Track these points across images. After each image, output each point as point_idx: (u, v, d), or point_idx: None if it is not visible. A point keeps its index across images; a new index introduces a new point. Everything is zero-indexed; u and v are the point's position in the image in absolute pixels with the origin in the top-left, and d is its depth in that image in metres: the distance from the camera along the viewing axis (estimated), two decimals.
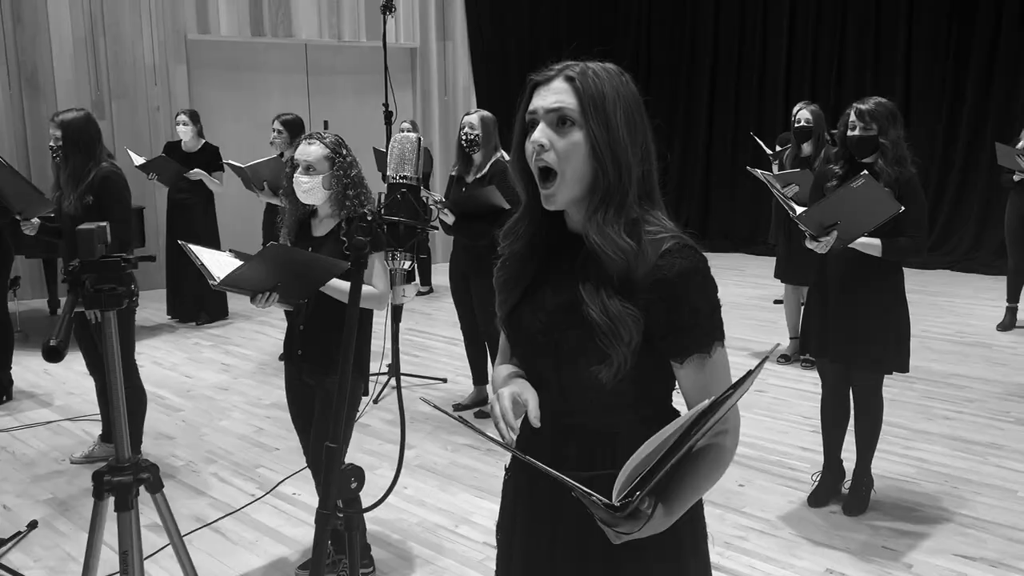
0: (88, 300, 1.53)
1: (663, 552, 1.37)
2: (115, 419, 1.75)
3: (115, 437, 1.75)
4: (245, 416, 4.83)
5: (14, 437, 4.54)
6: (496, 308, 1.47)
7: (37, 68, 7.62)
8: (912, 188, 3.29)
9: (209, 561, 3.22)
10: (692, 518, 1.42)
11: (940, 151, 9.12)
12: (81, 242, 1.56)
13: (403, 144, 1.33)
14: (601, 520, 1.16)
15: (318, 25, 9.08)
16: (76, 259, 1.55)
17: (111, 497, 1.73)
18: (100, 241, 1.57)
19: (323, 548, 1.24)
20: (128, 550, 1.64)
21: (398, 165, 1.32)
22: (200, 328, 6.90)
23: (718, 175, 10.84)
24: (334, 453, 1.28)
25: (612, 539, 1.17)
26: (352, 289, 1.30)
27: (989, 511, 3.51)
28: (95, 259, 1.54)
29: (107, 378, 1.70)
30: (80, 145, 3.70)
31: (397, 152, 1.33)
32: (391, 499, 3.71)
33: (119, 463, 1.74)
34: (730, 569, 3.10)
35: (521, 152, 1.38)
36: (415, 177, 1.33)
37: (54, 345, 1.39)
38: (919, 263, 8.83)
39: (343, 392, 1.31)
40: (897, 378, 4.74)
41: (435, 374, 5.54)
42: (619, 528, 1.15)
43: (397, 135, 1.35)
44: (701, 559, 1.45)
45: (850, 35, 9.66)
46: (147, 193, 7.78)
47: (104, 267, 1.52)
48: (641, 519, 1.15)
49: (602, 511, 1.14)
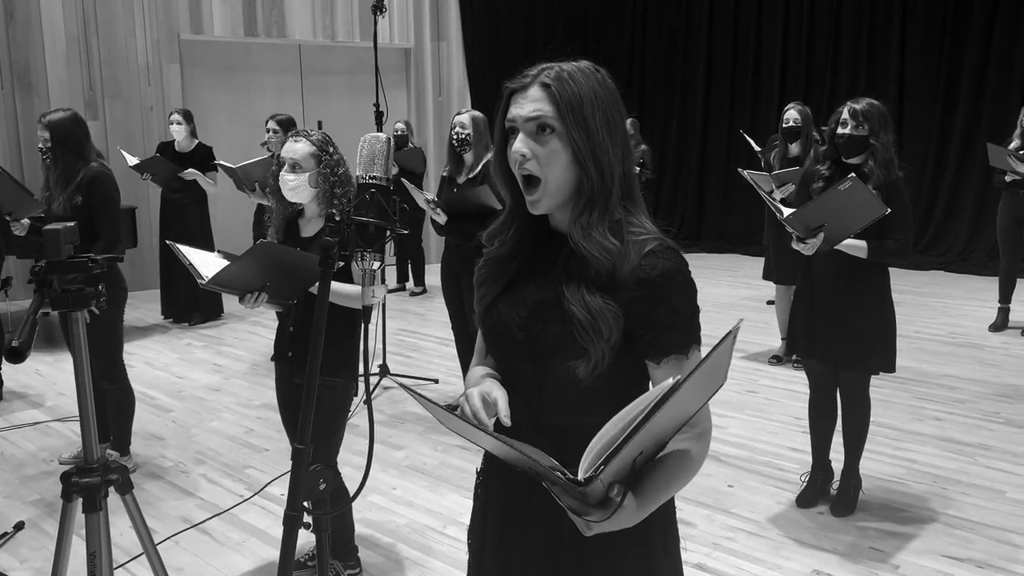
0: (55, 301, 1.52)
1: (632, 552, 1.38)
2: (83, 419, 1.75)
3: (83, 437, 1.74)
4: (236, 417, 4.82)
5: (3, 438, 4.52)
6: (474, 304, 1.47)
7: (30, 66, 7.61)
8: (898, 191, 3.30)
9: (195, 562, 3.21)
10: (664, 520, 1.43)
11: (933, 152, 9.13)
12: (48, 242, 1.55)
13: (373, 144, 1.33)
14: (570, 508, 1.16)
15: (312, 25, 9.07)
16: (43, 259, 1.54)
17: (80, 499, 1.72)
18: (68, 241, 1.56)
19: (291, 550, 1.24)
20: (96, 551, 1.63)
21: (368, 165, 1.31)
22: (193, 328, 6.89)
23: (712, 176, 10.86)
24: (301, 454, 1.28)
25: (583, 530, 1.17)
26: (320, 289, 1.29)
27: (977, 512, 3.51)
28: (62, 259, 1.54)
29: (76, 377, 1.69)
30: (68, 146, 3.69)
31: (367, 152, 1.32)
32: (379, 500, 3.71)
33: (87, 464, 1.73)
34: (717, 570, 3.10)
35: (502, 158, 1.38)
36: (384, 177, 1.32)
37: (15, 346, 1.38)
38: (911, 264, 8.84)
39: (311, 392, 1.31)
40: (888, 379, 4.76)
41: (427, 375, 5.53)
42: (589, 516, 1.15)
43: (367, 135, 1.35)
44: (672, 561, 1.45)
45: (844, 36, 9.68)
46: (141, 193, 7.78)
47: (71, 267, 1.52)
48: (610, 507, 1.15)
49: (570, 497, 1.14)
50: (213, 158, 6.60)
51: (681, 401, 1.09)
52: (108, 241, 3.77)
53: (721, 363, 1.11)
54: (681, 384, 1.05)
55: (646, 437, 1.10)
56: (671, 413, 1.10)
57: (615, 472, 1.12)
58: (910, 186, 9.02)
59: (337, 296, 2.68)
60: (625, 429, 1.07)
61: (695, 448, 1.32)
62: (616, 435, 1.09)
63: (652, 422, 1.06)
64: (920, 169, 9.16)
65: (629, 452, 1.09)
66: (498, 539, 1.47)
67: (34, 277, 1.50)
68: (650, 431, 1.09)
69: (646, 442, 1.13)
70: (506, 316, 1.41)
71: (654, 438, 1.15)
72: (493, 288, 1.44)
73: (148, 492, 3.83)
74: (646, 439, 1.11)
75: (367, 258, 1.31)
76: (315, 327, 1.29)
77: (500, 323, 1.41)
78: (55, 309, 1.54)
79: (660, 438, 1.19)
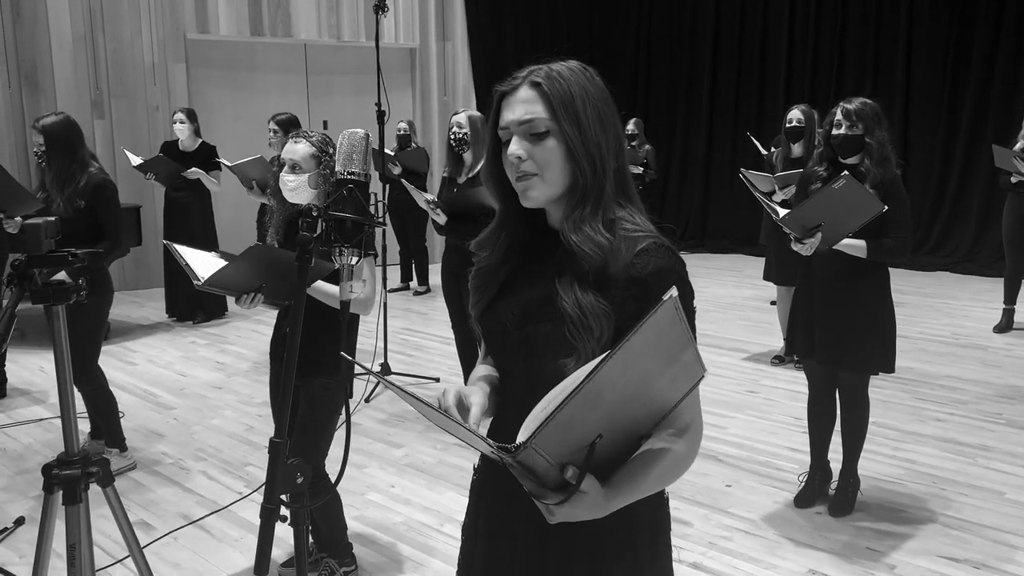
0: (35, 295, 1.54)
1: (620, 557, 1.37)
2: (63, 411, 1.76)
3: (64, 430, 1.76)
4: (236, 414, 4.84)
5: (5, 434, 4.55)
6: (469, 309, 1.47)
7: (36, 66, 7.65)
8: (896, 188, 3.29)
9: (193, 558, 3.23)
10: (653, 528, 1.41)
11: (939, 153, 9.10)
12: (28, 236, 1.57)
13: (351, 140, 1.34)
14: (530, 492, 1.16)
15: (317, 25, 9.10)
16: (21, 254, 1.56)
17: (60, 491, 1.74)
18: (48, 236, 1.58)
19: (268, 543, 1.25)
20: (76, 543, 1.65)
21: (346, 161, 1.32)
22: (197, 327, 6.92)
23: (717, 176, 10.84)
24: (278, 447, 1.28)
25: (547, 516, 1.17)
26: (298, 283, 1.30)
27: (975, 512, 3.50)
28: (42, 253, 1.55)
29: (57, 371, 1.71)
30: (61, 149, 3.74)
31: (345, 148, 1.33)
32: (377, 498, 3.72)
33: (68, 456, 1.75)
34: (712, 569, 3.10)
35: (494, 164, 1.38)
36: (363, 173, 1.33)
37: None
38: (916, 265, 8.82)
39: (287, 386, 1.31)
40: (889, 379, 4.74)
41: (428, 373, 5.54)
42: (546, 499, 1.15)
43: (346, 131, 1.36)
44: (660, 568, 1.43)
45: (850, 36, 9.65)
46: (145, 192, 7.82)
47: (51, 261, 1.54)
48: (568, 491, 1.14)
49: (528, 480, 1.14)
50: (216, 157, 6.62)
51: (628, 374, 1.07)
52: (112, 243, 3.81)
53: (667, 333, 1.08)
54: (617, 350, 1.04)
55: (591, 412, 1.08)
56: (619, 390, 1.08)
57: (560, 447, 1.10)
58: (916, 187, 9.06)
59: (323, 295, 2.70)
60: (558, 399, 1.07)
61: (677, 446, 1.30)
62: (549, 405, 1.08)
63: (590, 390, 1.04)
64: (926, 170, 9.14)
65: (570, 424, 1.07)
66: (488, 533, 1.48)
67: (14, 271, 1.51)
68: (595, 405, 1.07)
69: (597, 421, 1.11)
70: (502, 315, 1.41)
71: (610, 420, 1.13)
72: (486, 295, 1.45)
73: (147, 488, 3.85)
74: (593, 414, 1.09)
75: (345, 253, 1.32)
76: (291, 322, 1.30)
77: (496, 323, 1.42)
78: (36, 303, 1.56)
79: (624, 425, 1.17)
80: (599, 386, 1.06)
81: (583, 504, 1.16)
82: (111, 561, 3.15)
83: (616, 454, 1.23)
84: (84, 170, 3.77)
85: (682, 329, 1.11)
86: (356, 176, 1.32)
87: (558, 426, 1.07)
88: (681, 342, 1.12)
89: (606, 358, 1.05)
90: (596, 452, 1.14)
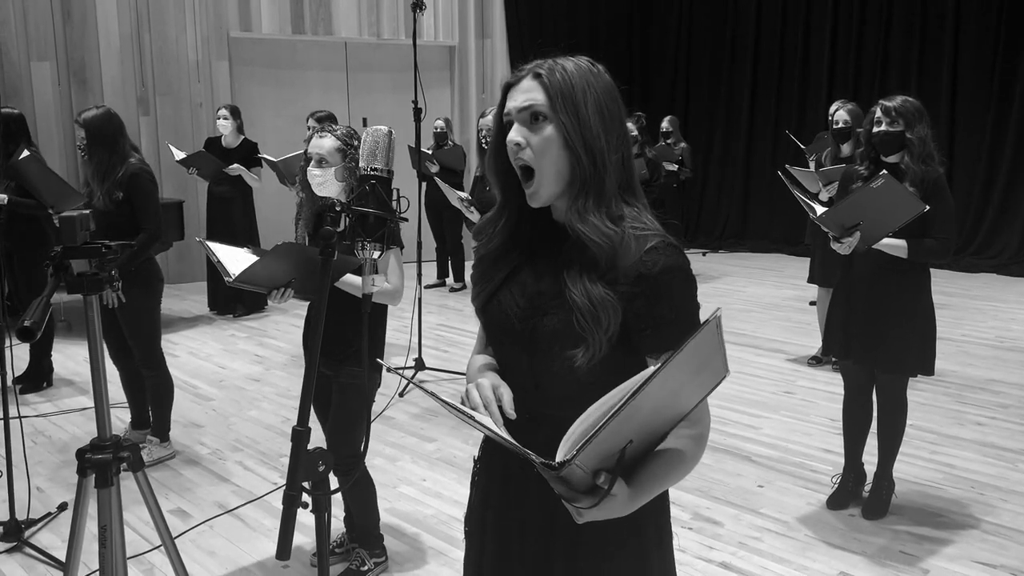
0: (70, 285, 1.59)
1: (625, 543, 1.39)
2: (96, 398, 1.82)
3: (97, 416, 1.81)
4: (274, 407, 4.92)
5: (51, 422, 4.68)
6: (471, 300, 1.50)
7: (85, 64, 7.84)
8: (939, 187, 3.22)
9: (227, 546, 3.29)
10: (657, 514, 1.43)
11: (987, 152, 8.91)
12: (64, 228, 1.63)
13: (375, 136, 1.36)
14: (561, 495, 1.18)
15: (358, 23, 9.19)
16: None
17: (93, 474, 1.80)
18: (83, 228, 1.63)
19: (290, 529, 1.28)
20: (107, 525, 1.70)
21: (369, 157, 1.35)
22: (237, 320, 7.04)
23: (757, 175, 10.73)
24: (300, 435, 1.31)
25: (575, 517, 1.18)
26: (321, 276, 1.33)
27: (1015, 519, 3.43)
28: (77, 245, 1.61)
29: (91, 359, 1.76)
30: (102, 141, 3.82)
31: (369, 144, 1.36)
32: (409, 491, 3.76)
33: (100, 441, 1.81)
34: (742, 569, 3.08)
35: (497, 151, 1.40)
36: (385, 169, 1.36)
37: (27, 326, 1.45)
38: (961, 266, 8.65)
39: (310, 379, 1.34)
40: (930, 382, 4.67)
41: (462, 369, 5.57)
42: (578, 503, 1.16)
43: (369, 128, 1.38)
44: (665, 555, 1.46)
45: (895, 33, 9.48)
46: (189, 187, 7.97)
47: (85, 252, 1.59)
48: (598, 495, 1.16)
49: (559, 483, 1.16)
50: (258, 153, 6.73)
51: (666, 389, 1.09)
52: (150, 234, 3.88)
53: (706, 351, 1.10)
54: (660, 371, 1.05)
55: (627, 424, 1.10)
56: (653, 402, 1.10)
57: (595, 457, 1.13)
58: (961, 187, 8.86)
59: (351, 288, 2.75)
60: (605, 414, 1.08)
61: (693, 442, 1.32)
62: (597, 419, 1.10)
63: (631, 407, 1.06)
64: (972, 170, 8.95)
65: (607, 438, 1.09)
66: (496, 523, 1.50)
67: (50, 261, 1.57)
68: (631, 418, 1.09)
69: (631, 430, 1.13)
70: (506, 307, 1.43)
71: (641, 427, 1.15)
72: (490, 284, 1.46)
73: (185, 477, 3.94)
74: (628, 426, 1.11)
75: (367, 247, 1.35)
76: (316, 314, 1.32)
77: (500, 313, 1.43)
78: (71, 293, 1.61)
79: (652, 429, 1.19)
80: (640, 403, 1.08)
81: (612, 505, 1.18)
82: (149, 547, 3.23)
83: (641, 454, 1.24)
84: (123, 162, 3.85)
85: (719, 342, 1.12)
86: (379, 172, 1.35)
87: (600, 444, 1.09)
88: (717, 355, 1.14)
89: (650, 378, 1.06)
90: (626, 456, 1.16)
